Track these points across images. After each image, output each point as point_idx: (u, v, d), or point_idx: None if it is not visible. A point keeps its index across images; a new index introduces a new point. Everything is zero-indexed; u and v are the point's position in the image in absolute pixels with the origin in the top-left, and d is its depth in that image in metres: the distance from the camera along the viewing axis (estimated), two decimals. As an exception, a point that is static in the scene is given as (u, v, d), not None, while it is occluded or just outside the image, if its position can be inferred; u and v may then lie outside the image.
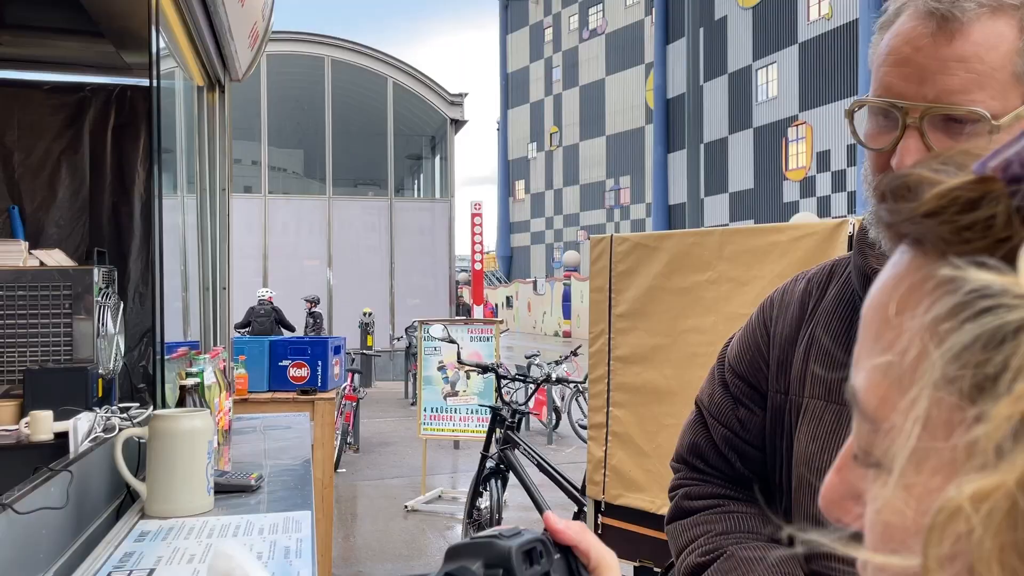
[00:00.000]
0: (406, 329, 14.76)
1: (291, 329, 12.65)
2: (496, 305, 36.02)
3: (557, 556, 0.62)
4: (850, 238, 3.13)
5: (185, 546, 1.53)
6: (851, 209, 25.03)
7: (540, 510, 4.48)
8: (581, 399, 9.54)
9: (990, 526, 0.25)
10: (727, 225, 29.33)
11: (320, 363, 4.67)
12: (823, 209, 26.22)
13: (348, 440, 8.41)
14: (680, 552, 1.11)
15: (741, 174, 30.60)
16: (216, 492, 1.86)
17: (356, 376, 8.85)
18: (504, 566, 0.58)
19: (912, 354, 0.30)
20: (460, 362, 5.57)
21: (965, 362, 0.28)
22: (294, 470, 2.27)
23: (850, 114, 0.92)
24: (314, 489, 2.14)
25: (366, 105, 19.80)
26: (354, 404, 8.45)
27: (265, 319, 12.30)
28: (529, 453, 4.68)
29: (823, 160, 26.92)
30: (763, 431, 1.08)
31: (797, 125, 28.04)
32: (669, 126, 35.23)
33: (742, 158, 30.57)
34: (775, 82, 29.03)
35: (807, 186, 27.59)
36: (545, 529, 0.63)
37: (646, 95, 38.12)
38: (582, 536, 0.63)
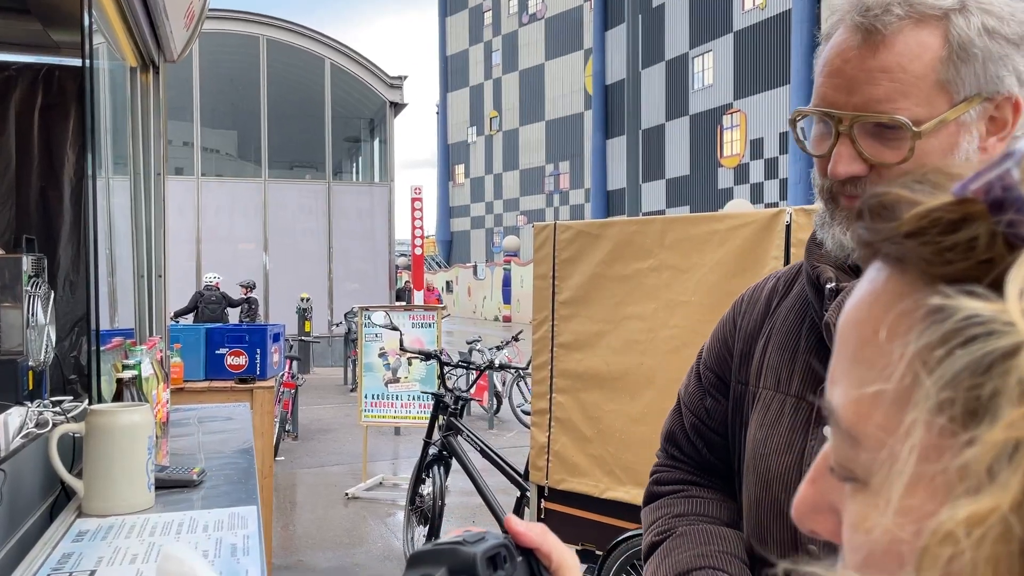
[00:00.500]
0: (345, 314, 14.59)
1: (239, 304, 12.67)
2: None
3: (519, 559, 0.62)
4: (787, 227, 3.20)
5: (127, 545, 1.49)
6: (783, 196, 25.58)
7: (483, 496, 4.49)
8: (522, 384, 9.58)
9: (982, 549, 0.26)
10: (664, 212, 29.72)
11: (259, 351, 4.60)
12: (756, 196, 26.74)
13: (287, 428, 8.30)
14: (645, 533, 1.17)
15: (677, 161, 31.00)
16: (156, 488, 1.81)
17: (294, 363, 8.73)
18: (469, 572, 0.57)
19: (905, 381, 0.30)
20: (402, 349, 5.53)
21: (957, 388, 0.28)
22: (236, 463, 2.22)
23: (793, 122, 0.98)
24: (257, 482, 2.09)
25: (303, 86, 19.40)
26: (292, 391, 8.34)
27: (216, 306, 12.15)
28: (472, 439, 4.68)
29: (756, 148, 27.42)
30: (727, 420, 1.14)
31: (731, 113, 28.49)
32: (608, 112, 35.44)
33: (678, 145, 30.96)
34: (711, 70, 29.42)
35: (741, 173, 28.09)
36: (507, 532, 0.63)
37: (585, 81, 38.25)
38: (544, 538, 0.63)
